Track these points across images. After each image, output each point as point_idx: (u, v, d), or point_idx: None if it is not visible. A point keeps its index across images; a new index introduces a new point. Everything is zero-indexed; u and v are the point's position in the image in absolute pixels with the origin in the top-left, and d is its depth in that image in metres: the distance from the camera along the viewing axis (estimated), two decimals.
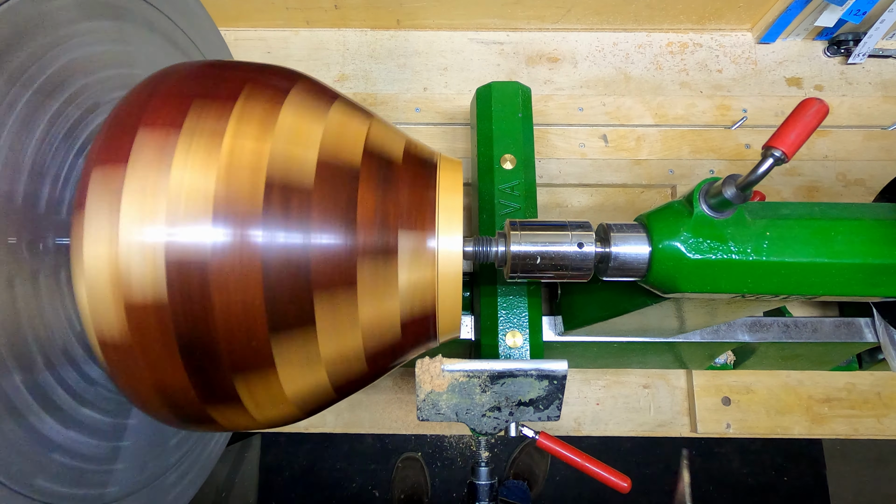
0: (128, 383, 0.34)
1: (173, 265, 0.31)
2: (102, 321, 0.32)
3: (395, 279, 0.36)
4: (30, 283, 0.37)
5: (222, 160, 0.32)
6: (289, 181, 0.33)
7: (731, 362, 0.75)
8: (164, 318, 0.31)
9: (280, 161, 0.33)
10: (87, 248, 0.31)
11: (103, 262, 0.31)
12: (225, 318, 0.32)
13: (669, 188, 0.81)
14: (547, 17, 0.89)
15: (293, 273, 0.33)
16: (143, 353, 0.32)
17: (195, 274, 0.31)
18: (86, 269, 0.31)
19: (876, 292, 0.40)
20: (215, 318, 0.32)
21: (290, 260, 0.33)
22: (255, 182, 0.32)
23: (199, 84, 0.35)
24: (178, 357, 0.32)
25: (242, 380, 0.34)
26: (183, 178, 0.31)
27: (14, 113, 0.36)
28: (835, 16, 0.80)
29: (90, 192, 0.32)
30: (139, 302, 0.31)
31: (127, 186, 0.31)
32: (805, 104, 0.35)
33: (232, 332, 0.32)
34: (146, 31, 0.51)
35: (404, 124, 0.84)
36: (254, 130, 0.33)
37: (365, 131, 0.38)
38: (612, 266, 0.41)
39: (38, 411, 0.37)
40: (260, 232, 0.32)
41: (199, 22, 0.60)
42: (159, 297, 0.31)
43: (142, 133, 0.32)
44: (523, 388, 0.49)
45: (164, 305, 0.31)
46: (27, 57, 0.37)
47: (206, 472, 0.58)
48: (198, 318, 0.32)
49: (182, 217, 0.31)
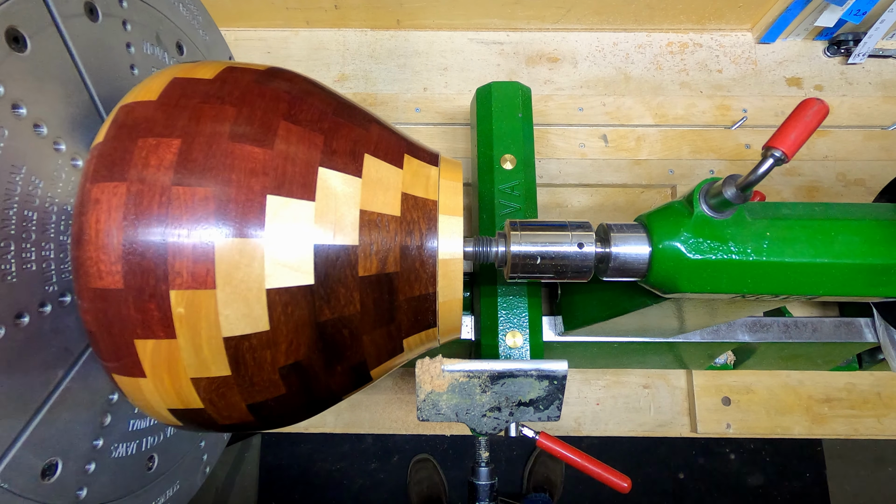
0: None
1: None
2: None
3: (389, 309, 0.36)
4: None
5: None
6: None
7: (731, 362, 0.75)
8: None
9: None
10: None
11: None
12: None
13: (669, 188, 0.81)
14: (547, 17, 0.89)
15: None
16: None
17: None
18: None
19: (876, 292, 0.40)
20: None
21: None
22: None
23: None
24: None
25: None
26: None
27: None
28: (835, 16, 0.80)
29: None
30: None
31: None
32: (805, 104, 0.35)
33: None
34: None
35: (404, 124, 0.84)
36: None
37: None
38: (612, 266, 0.41)
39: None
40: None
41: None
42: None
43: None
44: (523, 388, 0.49)
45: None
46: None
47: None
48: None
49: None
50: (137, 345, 0.30)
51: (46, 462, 0.33)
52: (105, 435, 0.39)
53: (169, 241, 0.29)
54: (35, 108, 0.34)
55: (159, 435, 0.46)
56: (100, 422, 0.39)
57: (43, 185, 0.34)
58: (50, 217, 0.35)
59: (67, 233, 0.36)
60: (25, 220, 0.33)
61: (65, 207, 0.36)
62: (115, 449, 0.40)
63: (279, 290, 0.30)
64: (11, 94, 0.32)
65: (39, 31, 0.35)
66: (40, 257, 0.34)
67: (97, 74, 0.41)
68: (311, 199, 0.31)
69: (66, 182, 0.36)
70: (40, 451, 0.33)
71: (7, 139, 0.32)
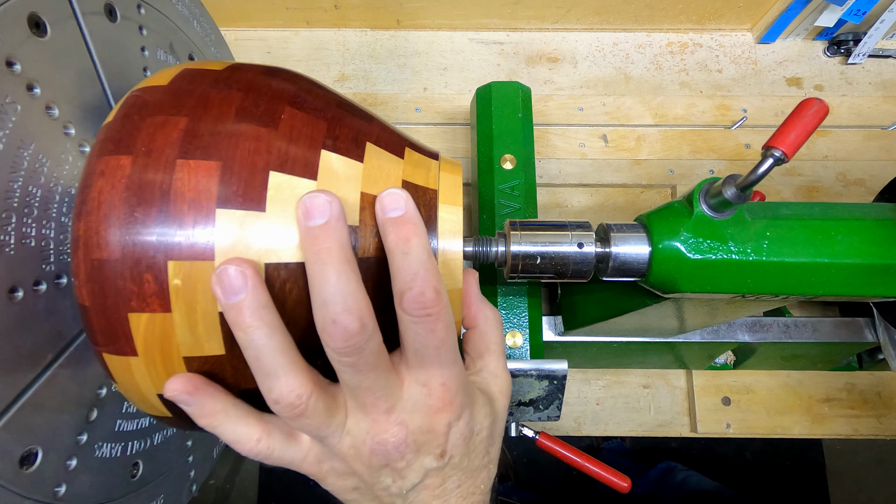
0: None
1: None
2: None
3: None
4: None
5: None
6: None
7: (731, 362, 0.75)
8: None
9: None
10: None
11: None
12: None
13: (669, 188, 0.81)
14: (547, 17, 0.89)
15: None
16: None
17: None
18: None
19: (876, 292, 0.41)
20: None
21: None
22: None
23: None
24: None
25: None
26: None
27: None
28: (835, 16, 0.80)
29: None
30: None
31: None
32: (805, 104, 0.35)
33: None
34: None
35: (404, 124, 0.84)
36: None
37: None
38: (612, 266, 0.41)
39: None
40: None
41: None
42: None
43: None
44: (523, 387, 0.49)
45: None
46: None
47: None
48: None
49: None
50: (131, 319, 0.29)
51: (26, 449, 0.32)
52: (90, 431, 0.38)
53: (171, 211, 0.29)
54: (49, 91, 0.35)
55: (146, 441, 0.45)
56: (86, 416, 0.38)
57: (49, 164, 0.35)
58: (53, 197, 0.35)
59: (69, 214, 0.36)
60: (29, 196, 0.33)
61: (69, 190, 0.36)
62: (98, 448, 0.39)
63: (278, 266, 0.30)
64: (28, 73, 0.33)
65: (60, 22, 0.36)
66: (40, 235, 0.34)
67: (111, 70, 0.42)
68: (314, 178, 0.31)
69: (73, 166, 0.37)
70: (21, 436, 0.32)
71: (19, 114, 0.32)
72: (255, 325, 0.27)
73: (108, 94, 0.42)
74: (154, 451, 0.46)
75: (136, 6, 0.47)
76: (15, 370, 0.32)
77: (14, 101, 0.32)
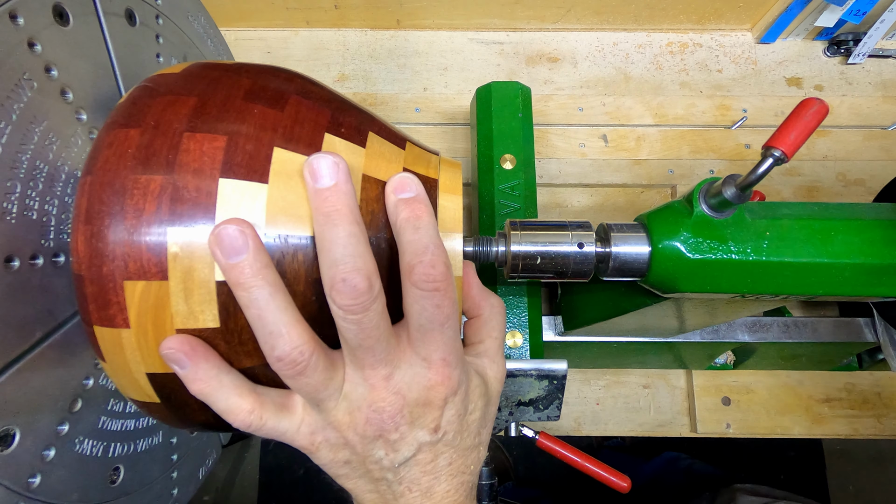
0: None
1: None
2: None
3: (395, 279, 0.36)
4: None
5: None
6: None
7: (731, 362, 0.75)
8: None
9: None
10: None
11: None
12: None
13: (669, 188, 0.81)
14: (547, 17, 0.89)
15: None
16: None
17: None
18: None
19: (876, 292, 0.41)
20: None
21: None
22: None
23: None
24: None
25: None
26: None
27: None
28: (835, 16, 0.80)
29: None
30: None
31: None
32: (805, 104, 0.35)
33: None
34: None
35: (404, 124, 0.84)
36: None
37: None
38: (612, 266, 0.41)
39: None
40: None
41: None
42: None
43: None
44: (523, 387, 0.49)
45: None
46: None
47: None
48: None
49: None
50: (127, 287, 0.29)
51: (3, 429, 0.32)
52: (72, 422, 0.37)
53: (175, 178, 0.29)
54: (66, 76, 0.37)
55: (130, 445, 0.44)
56: (69, 405, 0.37)
57: (58, 144, 0.35)
58: (59, 175, 0.36)
59: (73, 196, 0.36)
60: (36, 170, 0.34)
61: (75, 172, 0.37)
62: (79, 442, 0.38)
63: (278, 238, 0.30)
64: (47, 56, 0.35)
65: (82, 16, 0.39)
66: (42, 210, 0.34)
67: (127, 69, 0.44)
68: None
69: (81, 150, 0.37)
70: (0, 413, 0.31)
71: (35, 91, 0.34)
72: (257, 285, 0.27)
73: (121, 90, 0.43)
74: (137, 459, 0.45)
75: (154, 16, 0.49)
76: (2, 340, 0.31)
77: (31, 78, 0.33)
